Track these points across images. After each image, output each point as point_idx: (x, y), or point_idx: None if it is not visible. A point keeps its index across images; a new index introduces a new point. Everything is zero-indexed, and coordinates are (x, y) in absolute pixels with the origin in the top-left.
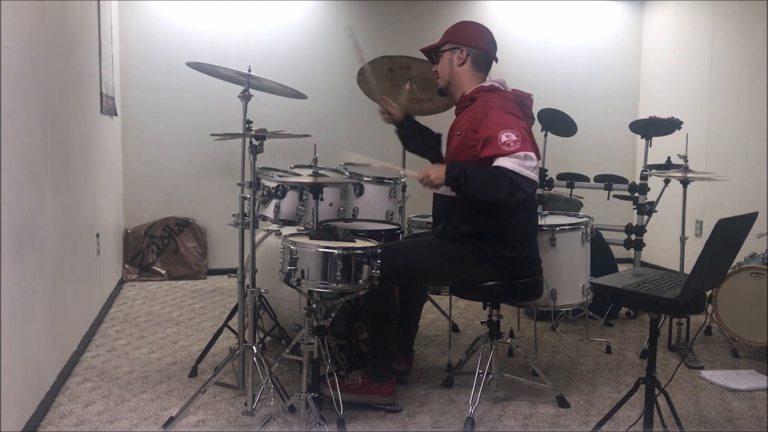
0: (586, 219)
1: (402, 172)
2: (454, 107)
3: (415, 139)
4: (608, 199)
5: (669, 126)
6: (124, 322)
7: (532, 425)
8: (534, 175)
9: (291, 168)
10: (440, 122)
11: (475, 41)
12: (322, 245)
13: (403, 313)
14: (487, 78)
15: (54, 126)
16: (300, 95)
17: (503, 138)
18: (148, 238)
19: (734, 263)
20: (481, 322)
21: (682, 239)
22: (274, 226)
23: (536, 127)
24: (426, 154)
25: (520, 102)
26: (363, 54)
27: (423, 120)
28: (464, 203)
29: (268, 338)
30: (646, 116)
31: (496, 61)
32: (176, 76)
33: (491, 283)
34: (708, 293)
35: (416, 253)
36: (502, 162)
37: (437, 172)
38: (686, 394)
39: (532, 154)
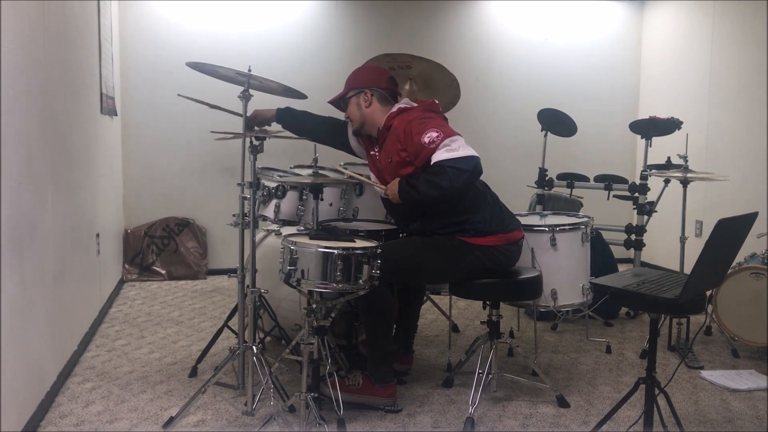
0: (586, 219)
1: (375, 185)
2: (377, 141)
3: (305, 124)
4: (608, 199)
5: (669, 126)
6: (124, 322)
7: (532, 425)
8: (466, 151)
9: (291, 168)
10: None
11: (374, 82)
12: (322, 245)
13: (402, 313)
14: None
15: (54, 126)
16: (300, 95)
17: (426, 140)
18: (148, 238)
19: (734, 263)
20: (481, 322)
21: (682, 239)
22: (274, 226)
23: (536, 127)
24: (326, 141)
25: (430, 109)
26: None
27: None
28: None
29: (268, 338)
30: (646, 116)
31: (400, 96)
32: (176, 76)
33: (490, 280)
34: (708, 293)
35: (409, 251)
36: (435, 158)
37: (392, 191)
38: (686, 394)
39: (456, 136)
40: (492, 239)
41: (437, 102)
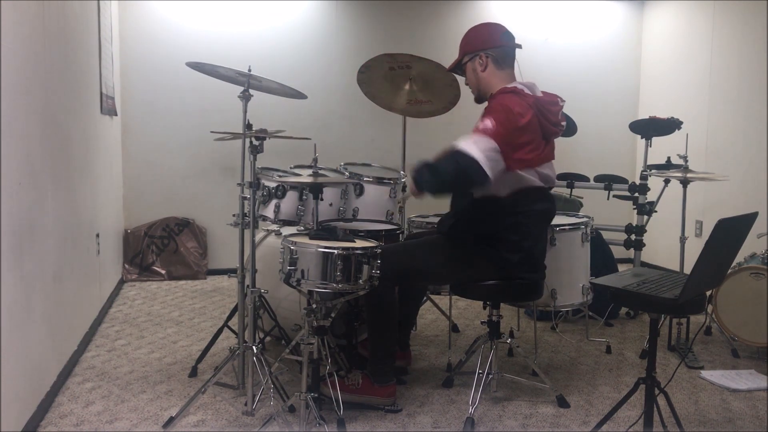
0: (586, 219)
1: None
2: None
3: None
4: (608, 199)
5: (669, 126)
6: (124, 322)
7: (532, 425)
8: (469, 148)
9: (291, 168)
10: (439, 123)
11: (488, 42)
12: (322, 245)
13: (402, 312)
14: (516, 74)
15: (54, 126)
16: (300, 95)
17: (480, 125)
18: (148, 238)
19: (734, 263)
20: (481, 322)
21: (682, 239)
22: (274, 226)
23: None
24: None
25: (539, 107)
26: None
27: (422, 121)
28: (475, 206)
29: (268, 338)
30: (646, 116)
31: (520, 47)
32: (176, 76)
33: (491, 282)
34: (708, 293)
35: (418, 254)
36: (460, 141)
37: (410, 183)
38: (686, 394)
39: (490, 141)
40: (500, 272)
41: (559, 102)
